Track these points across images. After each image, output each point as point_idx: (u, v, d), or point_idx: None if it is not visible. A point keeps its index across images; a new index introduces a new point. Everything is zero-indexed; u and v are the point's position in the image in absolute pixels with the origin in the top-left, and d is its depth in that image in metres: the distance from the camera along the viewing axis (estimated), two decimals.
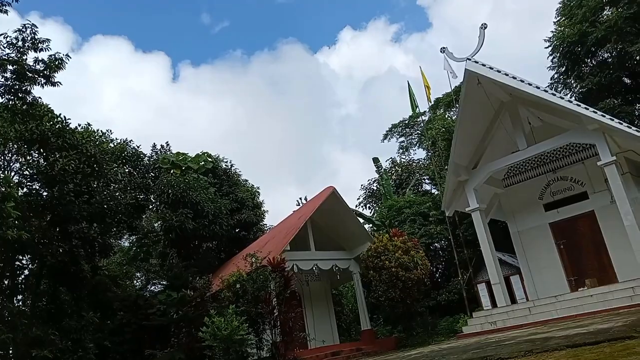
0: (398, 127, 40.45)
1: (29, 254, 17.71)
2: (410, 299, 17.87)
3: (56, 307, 18.26)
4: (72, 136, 18.24)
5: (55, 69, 15.71)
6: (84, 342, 17.17)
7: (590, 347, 6.46)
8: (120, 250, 29.38)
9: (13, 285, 17.33)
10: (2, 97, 15.76)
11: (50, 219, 18.02)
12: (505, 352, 7.66)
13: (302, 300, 20.41)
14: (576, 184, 17.13)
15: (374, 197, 35.48)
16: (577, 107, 14.32)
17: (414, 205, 26.00)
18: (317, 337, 19.16)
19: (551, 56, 25.04)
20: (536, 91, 14.71)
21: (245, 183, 30.57)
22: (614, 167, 14.23)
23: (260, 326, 15.53)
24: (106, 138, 22.61)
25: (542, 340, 8.29)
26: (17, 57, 15.18)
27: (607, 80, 22.82)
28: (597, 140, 14.41)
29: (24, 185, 17.95)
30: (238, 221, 27.30)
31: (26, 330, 15.44)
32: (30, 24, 15.12)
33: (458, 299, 20.97)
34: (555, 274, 17.01)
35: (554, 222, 17.48)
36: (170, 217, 23.72)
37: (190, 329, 16.48)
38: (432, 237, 24.39)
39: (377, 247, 18.20)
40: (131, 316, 19.35)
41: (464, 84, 15.96)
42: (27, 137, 17.12)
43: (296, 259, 17.93)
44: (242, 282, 15.69)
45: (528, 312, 14.72)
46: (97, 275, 20.03)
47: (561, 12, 25.08)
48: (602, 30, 22.13)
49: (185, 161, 28.61)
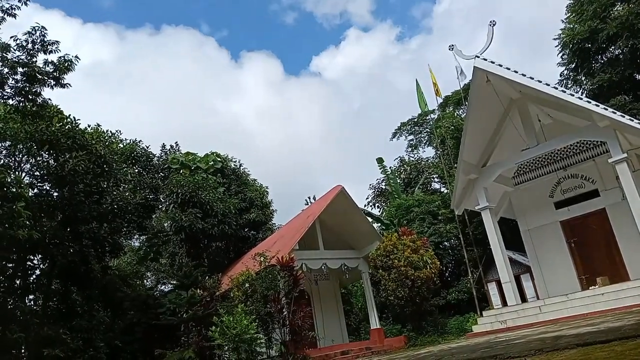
0: (407, 126, 40.38)
1: (40, 254, 17.87)
2: (419, 297, 17.80)
3: (67, 306, 18.44)
4: (82, 137, 18.38)
5: (64, 71, 15.84)
6: (94, 341, 17.32)
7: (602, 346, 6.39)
8: (131, 250, 29.56)
9: (25, 285, 17.49)
10: (13, 99, 15.91)
11: (60, 219, 18.17)
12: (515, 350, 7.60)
13: (311, 300, 20.41)
14: (587, 181, 16.98)
15: (382, 196, 35.41)
16: (588, 104, 14.18)
17: (423, 204, 25.93)
18: (326, 336, 19.17)
19: (561, 53, 24.85)
20: (546, 88, 14.58)
21: (254, 182, 30.64)
22: (625, 164, 14.08)
23: (270, 325, 15.55)
24: (115, 138, 22.75)
25: (553, 339, 8.22)
26: (27, 59, 15.32)
27: (618, 76, 22.60)
28: (608, 138, 14.27)
29: (35, 186, 18.12)
30: (247, 220, 27.37)
31: (38, 330, 15.59)
32: (40, 26, 15.25)
33: (468, 298, 20.89)
34: (566, 272, 16.88)
35: (564, 220, 17.34)
36: (179, 217, 23.85)
37: (199, 328, 16.53)
38: (442, 236, 24.31)
39: (386, 246, 18.15)
40: (141, 315, 19.47)
41: (473, 81, 15.85)
42: (37, 138, 17.26)
43: (305, 258, 17.93)
44: (251, 281, 15.73)
45: (539, 311, 14.61)
46: (107, 275, 20.16)
47: (571, 9, 24.87)
48: (613, 26, 21.93)
49: (195, 161, 28.75)
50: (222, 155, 30.32)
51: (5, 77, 15.32)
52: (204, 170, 28.25)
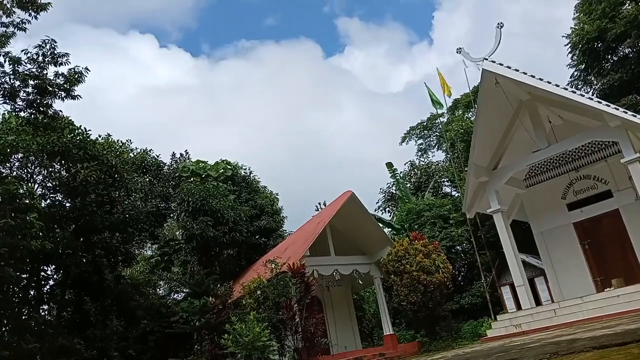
0: (416, 129, 40.26)
1: (54, 265, 18.05)
2: (432, 302, 17.69)
3: (81, 316, 18.55)
4: (93, 147, 18.56)
5: (75, 82, 16.01)
6: (108, 350, 17.41)
7: (618, 349, 6.29)
8: (143, 259, 29.71)
9: (39, 296, 17.66)
10: (25, 111, 16.11)
11: (73, 229, 18.33)
12: (530, 354, 7.51)
13: (323, 306, 20.34)
14: (600, 182, 16.80)
15: (393, 201, 35.30)
16: (599, 104, 14.05)
17: (434, 208, 25.78)
18: (339, 342, 19.09)
19: (570, 53, 24.70)
20: (556, 89, 14.48)
21: (264, 189, 30.70)
22: (638, 164, 13.91)
23: (282, 332, 15.54)
24: (126, 148, 22.93)
25: (568, 342, 8.12)
26: (37, 72, 15.51)
27: (628, 76, 22.39)
28: (620, 138, 14.12)
29: (47, 197, 18.34)
30: (258, 228, 27.40)
31: (52, 340, 15.70)
32: (50, 39, 15.44)
33: (482, 302, 20.69)
34: (580, 274, 16.69)
35: (577, 221, 17.15)
36: (191, 225, 23.93)
37: (212, 336, 16.56)
38: (453, 240, 24.14)
39: (398, 251, 18.07)
40: (154, 324, 19.52)
41: (482, 84, 15.78)
42: (49, 150, 17.45)
43: (316, 264, 17.89)
44: (262, 288, 15.74)
45: (553, 314, 14.44)
46: (120, 284, 20.27)
47: (580, 9, 24.74)
48: (622, 25, 21.76)
49: (205, 169, 28.89)
50: (232, 163, 30.44)
51: (17, 90, 15.52)
52: (215, 178, 28.36)
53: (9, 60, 15.15)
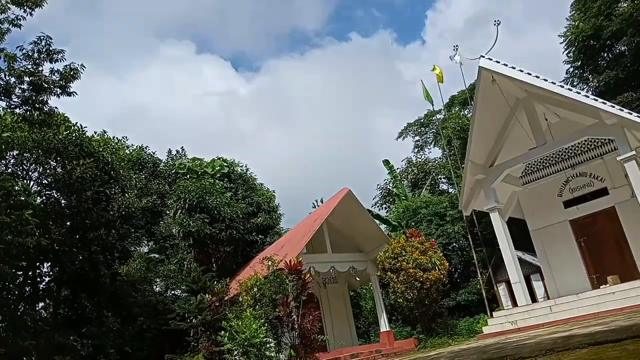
0: (413, 126, 40.28)
1: (49, 262, 17.98)
2: (428, 299, 17.73)
3: (77, 313, 18.51)
4: (89, 144, 18.50)
5: (70, 79, 15.90)
6: (105, 347, 17.37)
7: (613, 345, 6.32)
8: (139, 256, 29.65)
9: (34, 293, 17.59)
10: (20, 107, 16.01)
11: (69, 226, 18.27)
12: (526, 351, 7.53)
13: (320, 303, 20.36)
14: (596, 179, 16.85)
15: (390, 197, 35.34)
16: (595, 101, 14.08)
17: (431, 205, 25.84)
18: (335, 339, 19.10)
19: (566, 51, 24.76)
20: (552, 87, 14.49)
21: (261, 187, 30.67)
22: (634, 162, 13.94)
23: (279, 329, 15.53)
24: (122, 145, 22.87)
25: (564, 338, 8.15)
26: (33, 68, 15.41)
27: (624, 73, 22.48)
28: (616, 135, 14.15)
29: (43, 194, 18.23)
30: (254, 225, 27.38)
31: (48, 337, 15.67)
32: (45, 35, 15.34)
33: (478, 299, 20.78)
34: (576, 271, 16.74)
35: (573, 219, 17.20)
36: (187, 222, 23.90)
37: (209, 333, 16.57)
38: (450, 237, 24.22)
39: (394, 248, 18.09)
40: (151, 321, 19.52)
41: (478, 81, 15.78)
42: (44, 146, 17.37)
43: (313, 261, 17.90)
44: (259, 285, 15.72)
45: (549, 311, 14.49)
46: (116, 281, 20.23)
47: (575, 7, 24.79)
48: (618, 23, 21.84)
49: (201, 166, 28.83)
50: (228, 160, 30.40)
51: (13, 87, 15.42)
52: (211, 175, 28.31)
53: (4, 57, 15.05)
